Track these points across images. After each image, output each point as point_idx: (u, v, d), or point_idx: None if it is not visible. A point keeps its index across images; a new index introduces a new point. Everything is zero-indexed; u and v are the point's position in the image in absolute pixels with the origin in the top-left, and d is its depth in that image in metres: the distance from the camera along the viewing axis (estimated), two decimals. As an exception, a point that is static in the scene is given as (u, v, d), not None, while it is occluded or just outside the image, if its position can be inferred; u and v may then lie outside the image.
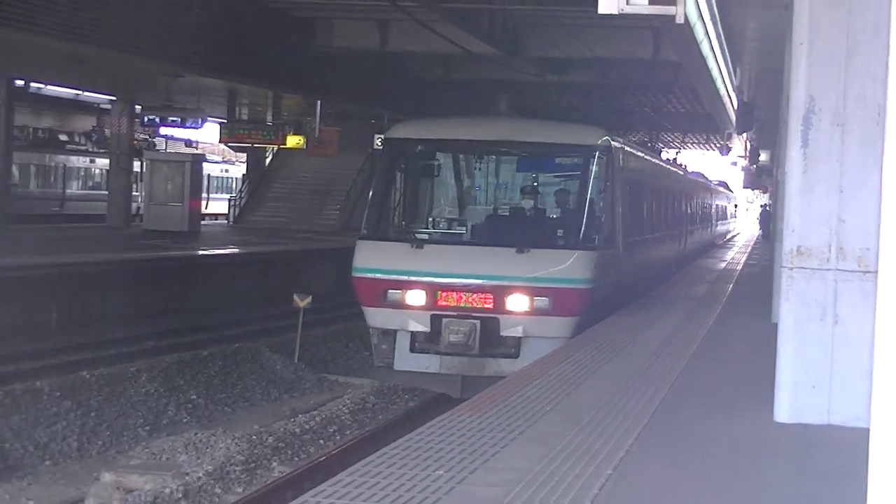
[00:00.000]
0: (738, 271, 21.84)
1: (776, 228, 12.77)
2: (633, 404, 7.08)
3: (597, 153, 12.11)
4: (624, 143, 13.93)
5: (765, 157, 35.59)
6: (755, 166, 40.76)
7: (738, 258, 27.62)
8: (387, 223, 12.41)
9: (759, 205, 57.25)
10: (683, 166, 26.94)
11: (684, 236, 22.26)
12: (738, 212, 57.79)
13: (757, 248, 32.98)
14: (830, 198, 6.33)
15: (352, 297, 12.38)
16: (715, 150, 45.89)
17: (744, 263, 24.90)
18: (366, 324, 12.06)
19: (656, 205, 17.36)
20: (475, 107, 25.33)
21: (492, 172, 13.77)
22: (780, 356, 6.48)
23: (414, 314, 11.39)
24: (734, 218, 51.53)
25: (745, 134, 29.15)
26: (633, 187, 14.25)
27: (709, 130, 35.80)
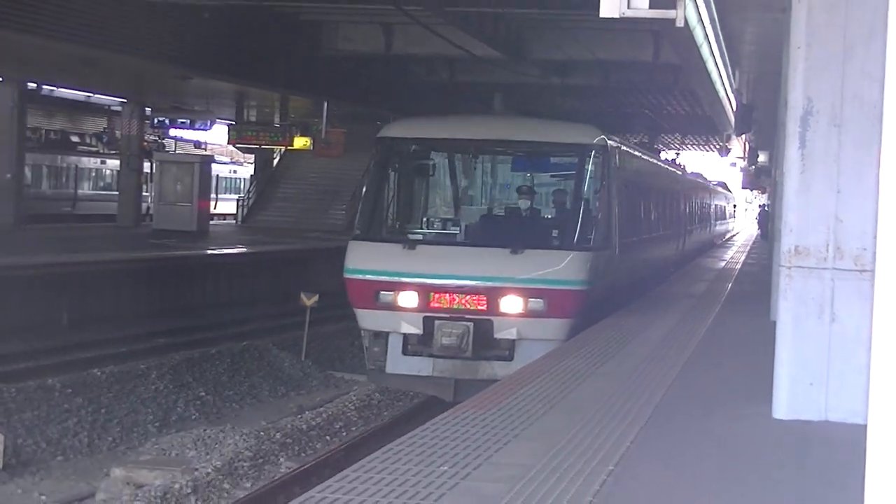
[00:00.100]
0: (737, 270, 21.75)
1: (774, 228, 12.66)
2: (633, 401, 7.08)
3: (592, 152, 11.82)
4: (620, 142, 13.62)
5: (763, 157, 35.42)
6: (754, 167, 40.61)
7: (736, 257, 27.51)
8: (379, 223, 12.10)
9: (758, 205, 57.02)
10: (682, 166, 26.89)
11: (683, 236, 21.94)
12: (737, 212, 57.65)
13: (755, 248, 32.81)
14: (828, 198, 6.34)
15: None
16: (714, 151, 45.77)
17: (742, 262, 24.80)
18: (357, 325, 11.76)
19: (654, 205, 17.02)
20: (478, 109, 25.33)
21: (486, 172, 13.44)
22: (778, 354, 6.50)
23: (406, 316, 11.08)
24: (733, 218, 51.28)
25: (743, 135, 29.06)
26: (630, 187, 13.95)
27: (708, 132, 35.67)
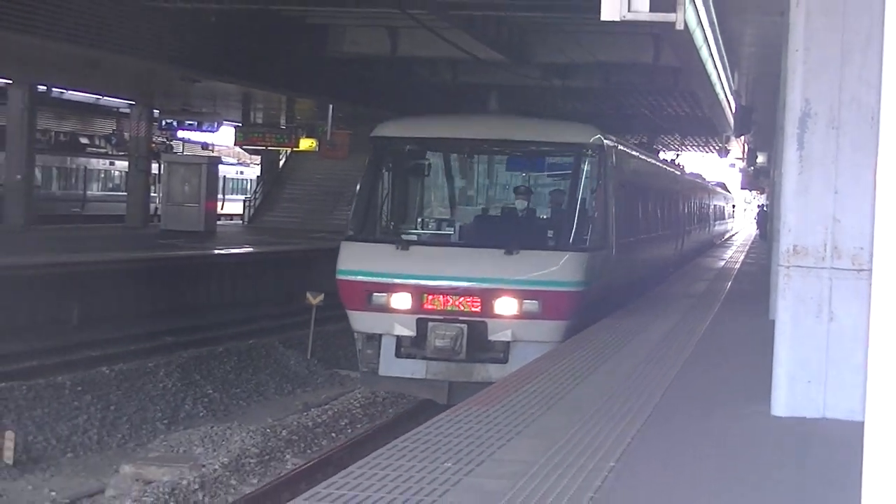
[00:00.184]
0: (736, 270, 21.77)
1: (773, 228, 12.69)
2: (634, 399, 7.13)
3: (589, 152, 11.62)
4: (617, 142, 13.40)
5: (762, 159, 35.37)
6: (753, 168, 40.59)
7: (736, 257, 27.54)
8: (372, 224, 11.86)
9: (757, 205, 57.03)
10: (681, 166, 26.95)
11: (682, 236, 21.78)
12: (737, 212, 57.75)
13: (754, 248, 32.82)
14: (825, 198, 6.40)
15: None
16: (714, 152, 45.79)
17: (742, 262, 24.83)
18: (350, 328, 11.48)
19: (652, 205, 16.78)
20: (479, 110, 25.40)
21: (480, 172, 13.14)
22: (777, 352, 6.55)
23: (399, 318, 10.82)
24: (732, 218, 51.25)
25: (743, 137, 29.11)
26: (627, 187, 13.76)
27: (708, 133, 35.67)
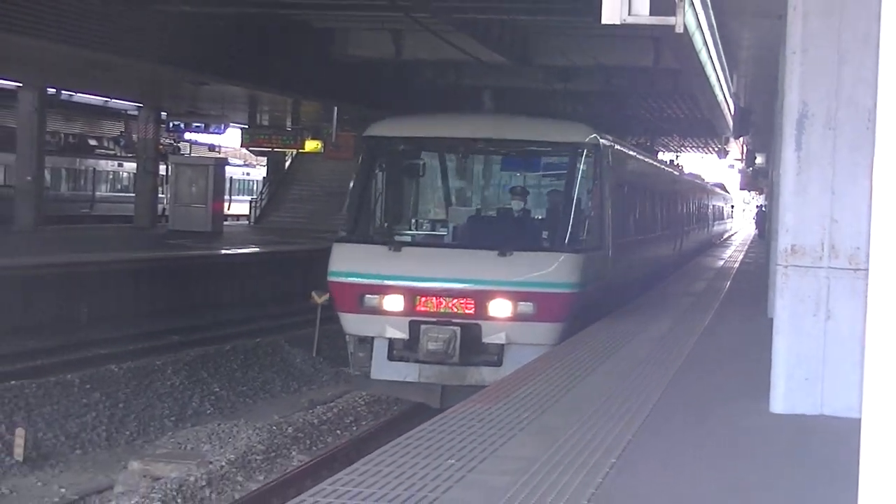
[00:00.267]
0: (735, 269, 21.81)
1: (771, 228, 12.72)
2: (634, 397, 7.17)
3: (584, 151, 11.33)
4: (614, 141, 13.14)
5: (761, 159, 35.35)
6: (751, 169, 40.58)
7: (735, 256, 27.56)
8: (365, 225, 11.63)
9: (756, 205, 57.04)
10: (680, 167, 26.98)
11: (680, 236, 21.66)
12: (735, 212, 57.79)
13: (753, 247, 32.82)
14: (823, 198, 6.44)
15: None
16: (713, 153, 45.87)
17: (740, 261, 24.85)
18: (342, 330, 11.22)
19: (651, 205, 16.57)
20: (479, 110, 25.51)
21: (474, 172, 12.92)
22: (775, 350, 6.58)
23: (391, 320, 10.58)
24: (731, 218, 51.27)
25: (741, 138, 29.22)
26: (625, 187, 13.56)
27: (707, 134, 35.71)
